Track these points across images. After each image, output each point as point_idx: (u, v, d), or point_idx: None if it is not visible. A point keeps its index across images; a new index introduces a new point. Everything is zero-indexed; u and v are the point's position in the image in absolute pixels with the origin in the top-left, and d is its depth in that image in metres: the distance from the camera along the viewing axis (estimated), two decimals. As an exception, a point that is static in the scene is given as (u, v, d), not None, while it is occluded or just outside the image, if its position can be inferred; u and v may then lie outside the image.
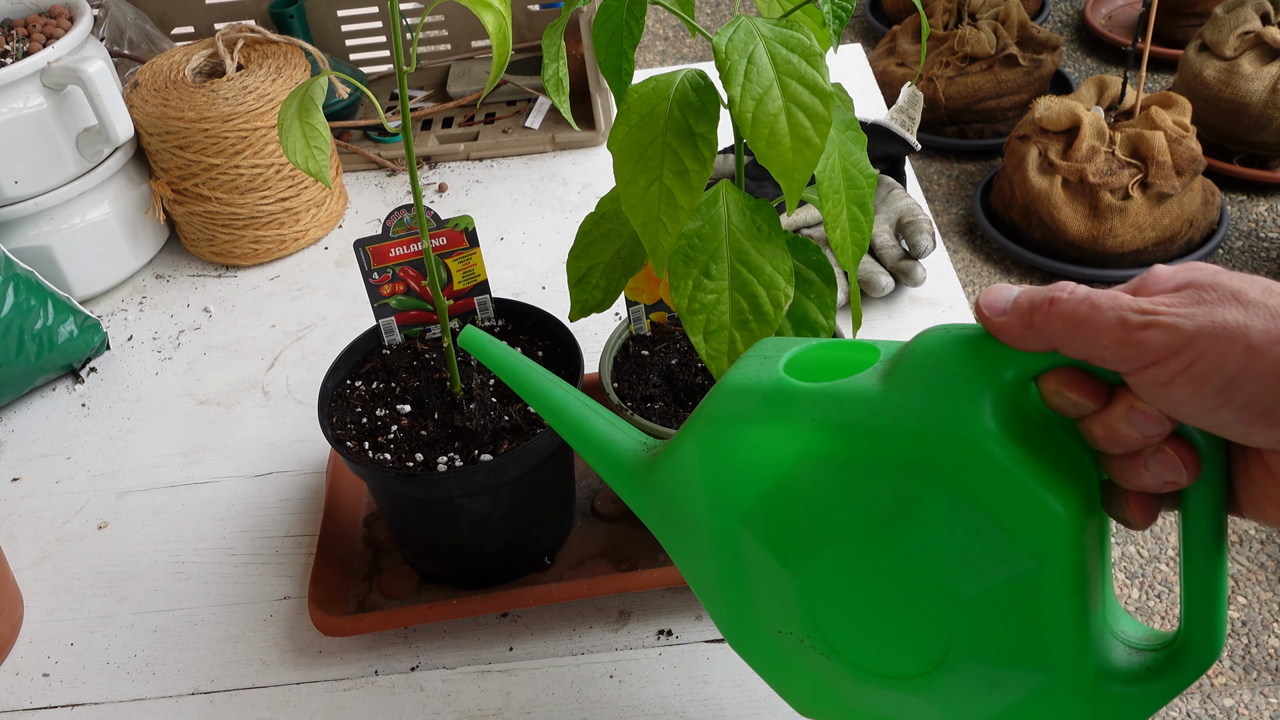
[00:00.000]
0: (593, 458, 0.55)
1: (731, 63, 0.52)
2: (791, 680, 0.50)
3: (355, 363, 0.74)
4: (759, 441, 0.47)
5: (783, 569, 0.47)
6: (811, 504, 0.45)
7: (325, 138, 0.59)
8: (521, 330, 0.76)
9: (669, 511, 0.52)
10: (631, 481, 0.54)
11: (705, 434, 0.49)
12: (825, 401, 0.45)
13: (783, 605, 0.48)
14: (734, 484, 0.48)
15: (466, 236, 0.72)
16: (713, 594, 0.51)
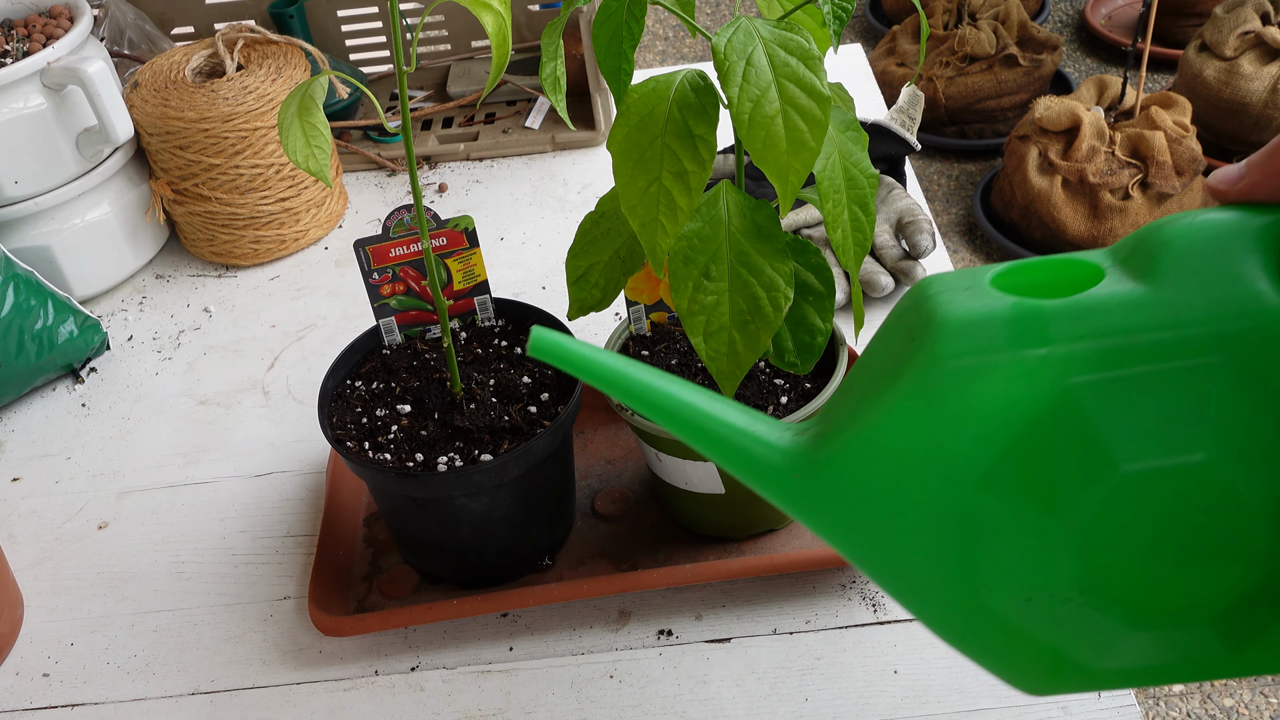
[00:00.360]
0: (730, 459, 0.47)
1: (730, 64, 0.52)
2: (1027, 657, 0.45)
3: (355, 363, 0.74)
4: (1009, 378, 0.40)
5: (1050, 519, 0.41)
6: (1081, 437, 0.40)
7: (326, 136, 0.59)
8: (522, 330, 0.76)
9: (854, 499, 0.45)
10: (793, 476, 0.46)
11: (933, 386, 0.41)
12: (1088, 317, 0.40)
13: (1045, 568, 0.42)
14: (977, 436, 0.41)
15: (466, 236, 0.72)
16: (920, 580, 0.44)
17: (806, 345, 0.64)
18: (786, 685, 0.65)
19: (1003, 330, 0.41)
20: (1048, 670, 0.44)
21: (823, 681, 0.65)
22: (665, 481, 0.71)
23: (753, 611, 0.70)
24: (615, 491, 0.77)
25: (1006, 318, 0.41)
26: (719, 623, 0.69)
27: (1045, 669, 0.44)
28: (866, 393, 0.44)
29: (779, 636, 0.68)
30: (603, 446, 0.82)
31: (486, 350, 0.74)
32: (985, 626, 0.44)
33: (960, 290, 0.43)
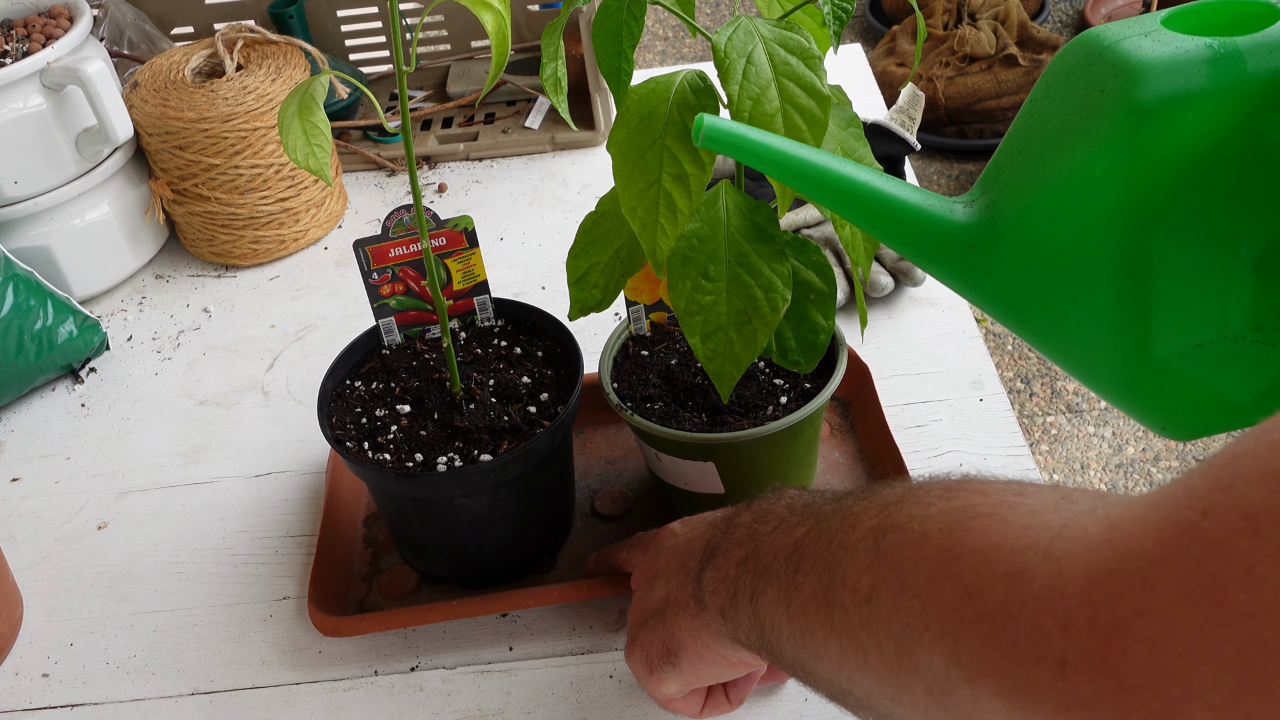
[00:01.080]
0: (901, 238, 0.48)
1: (730, 62, 0.52)
2: (1185, 404, 0.47)
3: (355, 363, 0.74)
4: (1212, 114, 0.42)
5: (1231, 258, 0.43)
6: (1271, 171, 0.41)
7: (326, 135, 0.58)
8: (521, 330, 0.76)
9: (1035, 262, 0.46)
10: (969, 246, 0.47)
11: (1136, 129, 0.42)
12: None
13: (1219, 305, 0.44)
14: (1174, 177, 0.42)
15: (466, 237, 0.72)
16: (1090, 340, 0.46)
17: (810, 343, 0.64)
18: (785, 685, 0.65)
19: (1203, 69, 0.41)
20: (1203, 415, 0.47)
21: (822, 682, 0.65)
22: (665, 482, 0.71)
23: (752, 612, 0.70)
24: (615, 491, 0.77)
25: (1204, 56, 0.42)
26: (719, 623, 0.69)
27: (1202, 414, 0.47)
28: (1045, 153, 0.45)
29: (779, 637, 0.68)
30: (603, 446, 0.81)
31: (486, 350, 0.74)
32: (1151, 379, 0.46)
33: (1141, 37, 0.43)
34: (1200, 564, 0.28)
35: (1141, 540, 0.30)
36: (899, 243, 0.49)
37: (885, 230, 0.49)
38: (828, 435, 0.80)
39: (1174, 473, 1.83)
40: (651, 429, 0.66)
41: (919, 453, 0.78)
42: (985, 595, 0.34)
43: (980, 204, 0.48)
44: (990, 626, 0.34)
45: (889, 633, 0.39)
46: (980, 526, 0.37)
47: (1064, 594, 0.31)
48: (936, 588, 0.37)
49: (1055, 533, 0.34)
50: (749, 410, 0.68)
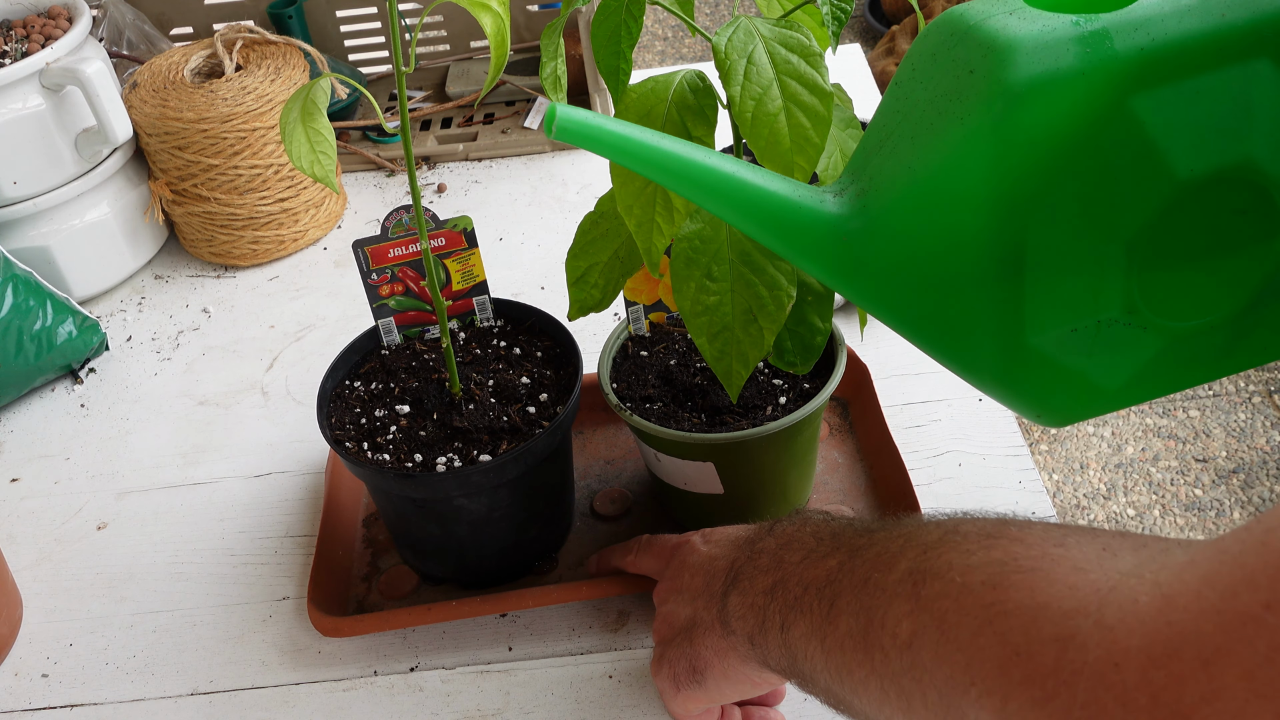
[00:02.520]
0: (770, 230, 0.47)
1: (731, 62, 0.52)
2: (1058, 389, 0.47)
3: (354, 363, 0.74)
4: (1083, 95, 0.41)
5: (1104, 242, 0.43)
6: (1142, 151, 0.41)
7: (330, 142, 0.58)
8: (520, 330, 0.76)
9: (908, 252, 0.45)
10: (842, 239, 0.46)
11: (1008, 113, 0.41)
12: (1147, 26, 0.41)
13: (1093, 289, 0.44)
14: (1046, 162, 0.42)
15: (465, 237, 0.72)
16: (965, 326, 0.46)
17: (807, 344, 0.64)
18: (784, 685, 0.65)
19: (1071, 47, 0.41)
20: (1076, 400, 0.47)
21: (822, 681, 0.65)
22: (664, 482, 0.71)
23: (752, 611, 0.70)
24: (614, 491, 0.77)
25: (1072, 35, 0.41)
26: (718, 623, 0.69)
27: (1075, 399, 0.47)
28: (915, 138, 0.44)
29: (778, 636, 0.68)
30: (602, 446, 0.81)
31: (485, 351, 0.74)
32: (1025, 367, 0.46)
33: (1006, 15, 0.43)
34: (1269, 661, 0.28)
35: (1200, 623, 0.30)
36: (769, 237, 0.47)
37: (754, 224, 0.47)
38: (827, 435, 0.80)
39: (1173, 473, 1.83)
40: (651, 429, 0.66)
41: (918, 453, 0.78)
42: (1035, 658, 0.35)
43: (850, 193, 0.47)
44: (1042, 691, 0.34)
45: (932, 682, 0.39)
46: (1025, 583, 0.37)
47: (1121, 669, 0.32)
48: (981, 643, 0.37)
49: (1104, 597, 0.34)
50: (748, 410, 0.68)
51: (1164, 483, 1.81)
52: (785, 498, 0.72)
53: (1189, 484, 1.80)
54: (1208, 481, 1.81)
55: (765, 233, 0.47)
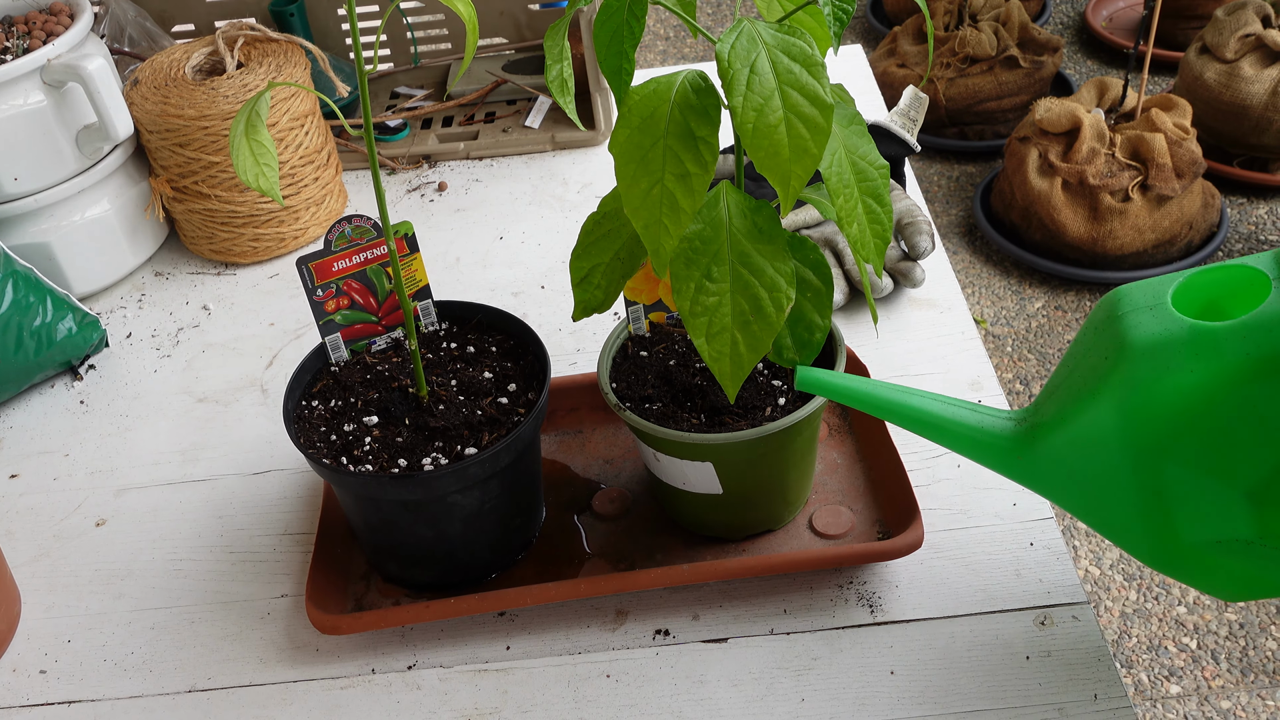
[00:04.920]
0: (966, 447, 0.61)
1: (734, 72, 0.52)
2: (1228, 580, 0.55)
3: (306, 384, 0.74)
4: (1191, 387, 0.51)
5: (1232, 490, 0.51)
6: (1261, 427, 0.50)
7: (273, 153, 0.60)
8: (468, 329, 0.76)
9: (1068, 473, 0.57)
10: (1017, 457, 0.59)
11: (1125, 396, 0.53)
12: (1254, 333, 0.49)
13: (1228, 520, 0.52)
14: (1168, 432, 0.51)
15: (407, 242, 0.72)
16: (1128, 527, 0.55)
17: (805, 342, 0.64)
18: (783, 685, 0.65)
19: (1184, 351, 0.51)
20: (1244, 587, 0.55)
21: (819, 682, 0.65)
22: (663, 481, 0.71)
23: (750, 612, 0.70)
24: (613, 491, 0.78)
25: (1185, 340, 0.51)
26: (716, 623, 0.69)
27: (1242, 587, 0.55)
28: (1072, 396, 0.56)
29: (776, 637, 0.68)
30: (601, 446, 0.82)
31: (438, 354, 0.74)
32: (1189, 559, 0.54)
33: (1145, 310, 0.54)
34: None
35: None
36: (962, 450, 0.61)
37: (952, 443, 0.61)
38: (826, 436, 0.80)
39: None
40: (650, 429, 0.66)
41: (917, 453, 0.78)
42: None
43: (1028, 425, 0.59)
44: None
45: None
46: None
47: None
48: None
49: None
50: (747, 411, 0.68)
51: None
52: (784, 498, 0.72)
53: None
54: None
55: (960, 447, 0.61)
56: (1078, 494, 0.57)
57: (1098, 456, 0.54)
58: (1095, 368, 0.55)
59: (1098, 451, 0.54)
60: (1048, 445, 0.57)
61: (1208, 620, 1.60)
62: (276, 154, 0.59)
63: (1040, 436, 0.57)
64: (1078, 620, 0.67)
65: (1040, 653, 0.65)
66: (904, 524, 0.70)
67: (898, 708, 0.64)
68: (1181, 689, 1.52)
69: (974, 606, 0.68)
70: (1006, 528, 0.73)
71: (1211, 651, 1.56)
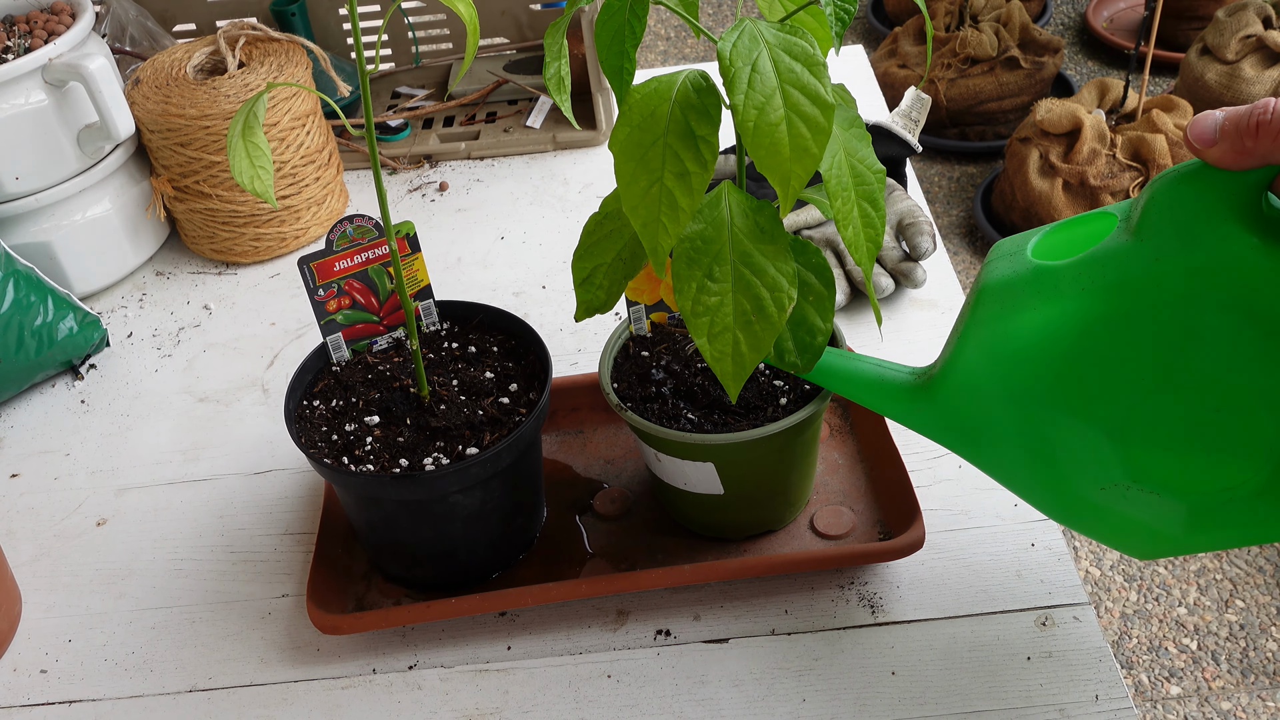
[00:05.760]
0: (872, 400, 0.62)
1: (735, 70, 0.52)
2: (1127, 532, 0.54)
3: (307, 384, 0.74)
4: (1036, 325, 0.52)
5: (1095, 430, 0.51)
6: (1103, 364, 0.50)
7: (268, 155, 0.60)
8: (469, 329, 0.76)
9: (961, 421, 0.58)
10: (917, 407, 0.60)
11: (982, 338, 0.55)
12: (1089, 268, 0.50)
13: (1102, 462, 0.52)
14: (1025, 373, 0.52)
15: (408, 242, 0.72)
16: (1025, 478, 0.56)
17: (807, 345, 0.64)
18: (784, 686, 0.65)
19: (1026, 289, 0.53)
20: (1149, 541, 0.54)
21: (820, 682, 0.65)
22: (664, 482, 0.71)
23: (751, 612, 0.70)
24: (614, 491, 0.77)
25: (1028, 279, 0.53)
26: (717, 623, 0.69)
27: (1144, 540, 0.55)
28: (949, 343, 0.58)
29: (777, 637, 0.68)
30: (602, 446, 0.82)
31: (439, 354, 0.74)
32: (1085, 510, 0.55)
33: (1006, 257, 0.55)
34: None
35: None
36: (869, 402, 0.63)
37: (856, 392, 0.63)
38: (827, 436, 0.80)
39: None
40: (651, 429, 0.66)
41: (918, 454, 0.78)
42: None
43: (925, 377, 0.60)
44: None
45: None
46: None
47: None
48: None
49: None
50: (749, 411, 0.68)
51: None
52: (786, 498, 0.72)
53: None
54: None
55: (870, 401, 0.63)
56: (973, 445, 0.58)
57: (977, 403, 0.56)
58: (962, 314, 0.57)
59: (975, 398, 0.56)
60: (939, 395, 0.58)
61: (1208, 621, 1.60)
62: (271, 156, 0.59)
63: (934, 387, 0.59)
64: (1079, 621, 0.67)
65: (1041, 653, 0.65)
66: (905, 524, 0.70)
67: (899, 708, 0.64)
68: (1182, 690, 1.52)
69: (975, 607, 0.68)
70: (1008, 528, 0.73)
71: (1212, 652, 1.56)
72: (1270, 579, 1.65)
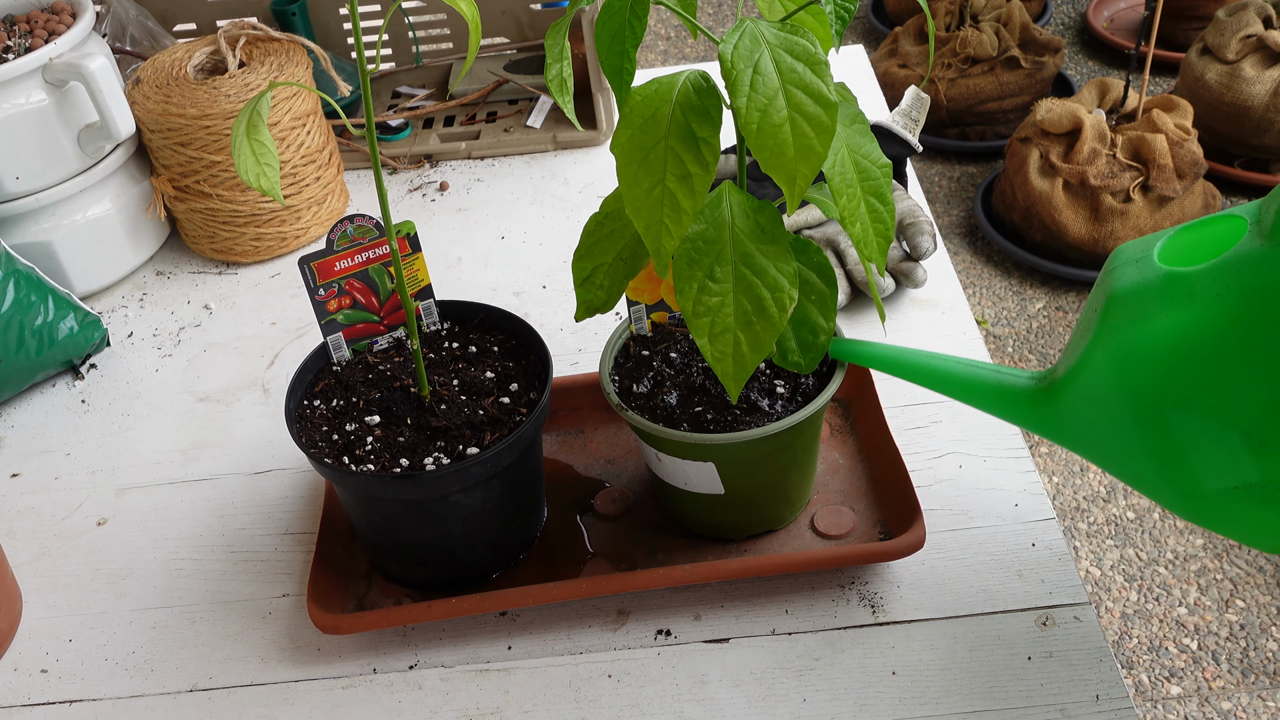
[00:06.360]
0: (990, 405, 0.63)
1: (737, 72, 0.52)
2: (1255, 528, 0.55)
3: (308, 383, 0.74)
4: (1171, 331, 0.52)
5: (1231, 432, 0.52)
6: (1240, 367, 0.50)
7: (274, 154, 0.59)
8: (470, 329, 0.76)
9: (1087, 424, 0.58)
10: (1038, 411, 0.61)
11: (1111, 345, 0.55)
12: (1223, 274, 0.51)
13: (1235, 463, 0.52)
14: (1159, 378, 0.53)
15: (409, 242, 0.72)
16: (1154, 479, 0.56)
17: (809, 344, 0.64)
18: (784, 686, 0.65)
19: (1158, 297, 0.53)
20: (1274, 536, 0.55)
21: (821, 682, 0.65)
22: (665, 481, 0.71)
23: (751, 612, 0.70)
24: (615, 491, 0.77)
25: (1159, 286, 0.53)
26: (717, 623, 0.69)
27: (1272, 535, 0.55)
28: (1075, 349, 0.59)
29: (777, 637, 0.68)
30: (603, 446, 0.82)
31: (439, 353, 0.74)
32: (1216, 509, 0.55)
33: (1132, 264, 0.56)
34: None
35: None
36: (990, 408, 0.64)
37: (977, 399, 0.64)
38: (828, 436, 0.80)
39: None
40: (651, 429, 0.66)
41: (919, 454, 0.78)
42: None
43: (1046, 382, 0.61)
44: None
45: None
46: None
47: None
48: None
49: None
50: (749, 411, 0.68)
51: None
52: (786, 498, 0.72)
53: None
54: (1207, 485, 1.80)
55: (984, 406, 0.64)
56: (1099, 446, 0.58)
57: (1104, 407, 0.56)
58: (1089, 320, 0.57)
59: (1103, 402, 0.56)
60: (1063, 400, 0.59)
61: (1208, 621, 1.60)
62: (278, 154, 0.59)
63: (1056, 392, 0.60)
64: (1079, 621, 0.67)
65: (1042, 653, 0.65)
66: (906, 524, 0.70)
67: (899, 708, 0.64)
68: (1182, 690, 1.52)
69: (976, 607, 0.68)
70: (1008, 528, 0.73)
71: (1212, 652, 1.56)
72: (1270, 579, 1.65)
